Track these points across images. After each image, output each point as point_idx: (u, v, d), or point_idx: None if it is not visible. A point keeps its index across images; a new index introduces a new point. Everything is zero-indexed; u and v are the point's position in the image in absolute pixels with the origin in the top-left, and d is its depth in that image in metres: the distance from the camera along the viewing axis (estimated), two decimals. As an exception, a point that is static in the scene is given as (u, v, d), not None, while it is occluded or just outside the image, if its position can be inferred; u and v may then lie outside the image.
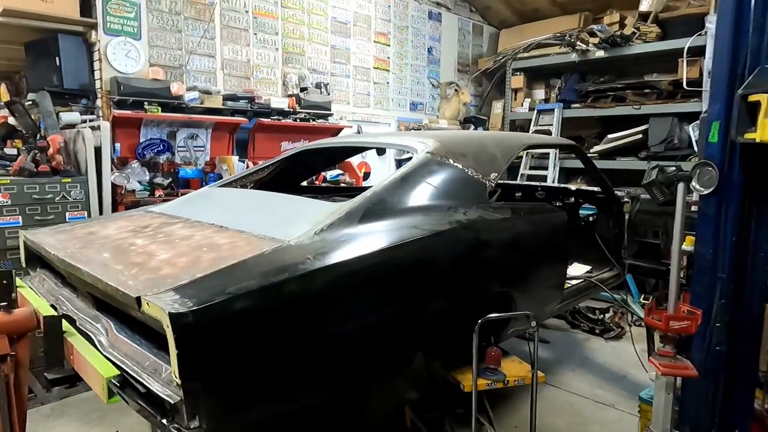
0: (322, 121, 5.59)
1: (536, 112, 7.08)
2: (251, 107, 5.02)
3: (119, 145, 4.38)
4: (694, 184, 2.39)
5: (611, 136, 6.41)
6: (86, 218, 3.76)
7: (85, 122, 4.30)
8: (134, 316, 1.68)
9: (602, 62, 6.67)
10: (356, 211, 2.16)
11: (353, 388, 2.04)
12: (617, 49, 6.33)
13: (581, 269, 4.16)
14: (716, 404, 2.49)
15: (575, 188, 4.52)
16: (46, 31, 4.29)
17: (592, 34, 6.57)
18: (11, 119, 4.39)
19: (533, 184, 5.04)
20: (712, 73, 2.47)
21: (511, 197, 4.60)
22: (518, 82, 7.40)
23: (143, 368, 1.64)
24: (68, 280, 2.24)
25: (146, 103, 4.36)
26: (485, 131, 7.01)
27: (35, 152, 3.78)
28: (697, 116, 5.28)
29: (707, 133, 2.42)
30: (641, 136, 6.14)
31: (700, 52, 5.54)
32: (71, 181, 3.79)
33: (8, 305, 1.79)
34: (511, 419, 3.27)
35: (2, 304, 1.78)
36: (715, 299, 2.39)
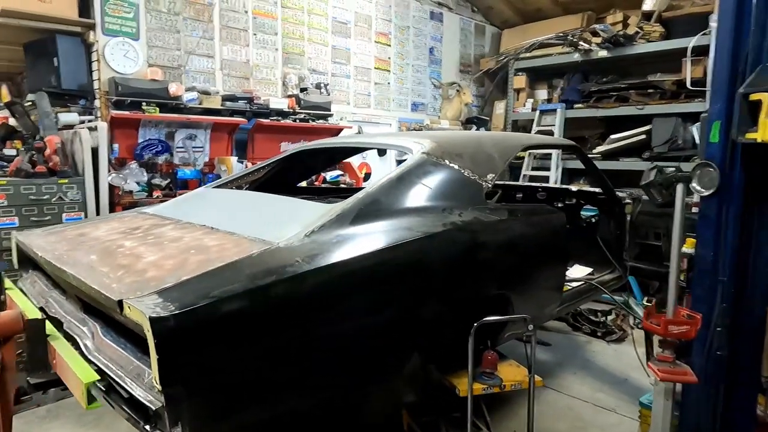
0: (321, 121, 5.56)
1: (539, 112, 7.03)
2: (250, 108, 5.00)
3: (117, 145, 4.37)
4: (694, 185, 2.35)
5: (614, 136, 6.35)
6: (83, 219, 3.74)
7: (83, 123, 4.28)
8: (118, 319, 1.65)
9: (605, 62, 6.60)
10: (348, 212, 2.13)
11: (343, 392, 2.00)
12: (620, 48, 6.28)
13: (582, 271, 4.11)
14: (717, 410, 2.44)
15: (576, 189, 4.47)
16: (44, 31, 4.28)
17: (594, 33, 6.52)
18: (12, 120, 4.39)
19: (534, 185, 4.99)
20: (712, 71, 2.43)
21: (512, 198, 4.56)
22: (520, 82, 7.35)
23: (127, 373, 1.61)
24: (57, 282, 2.21)
25: (144, 103, 4.34)
26: (484, 132, 6.96)
27: (32, 153, 3.77)
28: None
29: (708, 133, 2.38)
30: (645, 136, 6.08)
31: (704, 51, 5.46)
32: (68, 182, 3.78)
33: (-6, 307, 1.78)
34: (509, 423, 3.22)
35: (-12, 305, 1.76)
36: (716, 302, 2.36)
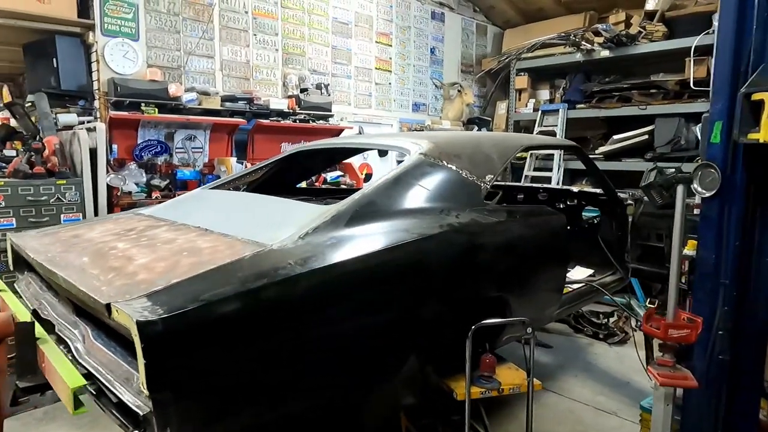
0: (322, 122, 5.54)
1: (541, 112, 7.00)
2: (250, 108, 4.98)
3: (116, 146, 4.36)
4: (695, 186, 2.31)
5: (617, 137, 6.31)
6: (81, 220, 3.73)
7: (82, 123, 4.27)
8: (108, 323, 1.62)
9: (607, 62, 6.56)
10: (343, 214, 2.10)
11: (338, 395, 1.97)
12: (623, 48, 6.23)
13: (584, 272, 4.07)
14: (719, 414, 2.41)
15: (578, 190, 4.43)
16: (43, 32, 4.27)
17: (597, 33, 6.47)
18: (13, 121, 4.39)
19: (536, 186, 4.95)
20: (714, 71, 2.39)
21: (513, 199, 4.53)
22: (522, 82, 7.32)
23: (116, 377, 1.59)
24: (51, 284, 2.20)
25: (143, 104, 4.32)
26: (484, 132, 6.92)
27: (30, 154, 3.77)
28: (704, 117, 5.17)
29: (709, 133, 2.34)
30: (647, 137, 6.03)
31: (707, 51, 5.41)
32: (66, 182, 3.77)
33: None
34: (509, 427, 3.19)
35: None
36: (717, 306, 2.32)
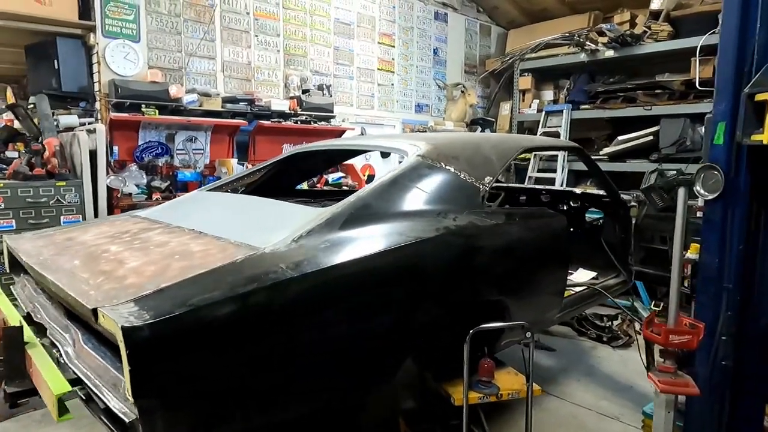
0: (324, 123, 5.52)
1: (544, 113, 6.95)
2: (251, 109, 4.98)
3: (117, 148, 4.36)
4: (698, 188, 2.27)
5: (621, 137, 6.24)
6: (81, 222, 3.72)
7: (83, 125, 4.28)
8: (96, 327, 1.60)
9: (612, 62, 6.51)
10: (338, 216, 2.07)
11: (332, 400, 1.94)
12: (627, 48, 6.17)
13: (587, 275, 4.02)
14: (722, 421, 2.36)
15: (580, 192, 4.38)
16: (45, 34, 4.28)
17: (601, 33, 6.42)
18: (16, 123, 4.40)
19: (538, 187, 4.90)
20: (717, 71, 2.35)
21: (516, 201, 4.49)
22: (526, 83, 7.27)
23: (104, 382, 1.57)
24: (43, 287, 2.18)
25: (144, 105, 4.32)
26: (483, 134, 6.87)
27: (30, 155, 3.77)
28: (710, 117, 5.11)
29: (712, 134, 2.30)
30: (652, 137, 5.96)
31: (713, 51, 5.27)
32: (66, 184, 3.77)
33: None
34: (509, 431, 3.15)
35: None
36: (721, 311, 2.28)
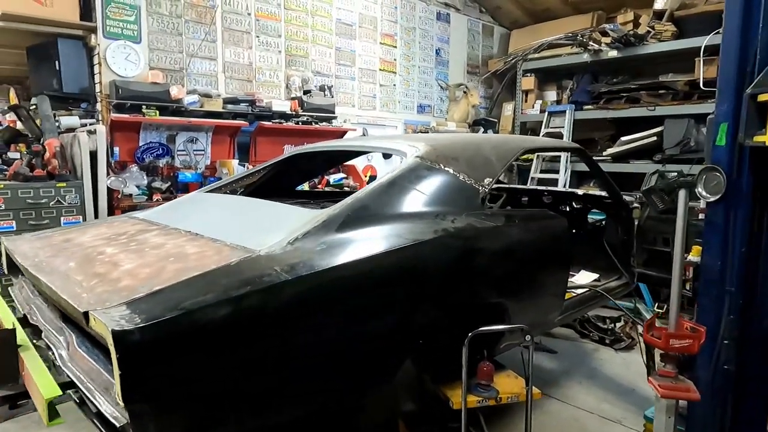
0: (325, 124, 5.51)
1: (547, 113, 6.91)
2: (252, 110, 4.97)
3: (118, 148, 4.36)
4: (700, 190, 2.24)
5: (625, 138, 6.20)
6: (81, 223, 3.72)
7: (84, 126, 4.28)
8: (89, 330, 1.59)
9: (615, 62, 6.47)
10: (335, 218, 2.06)
11: (329, 403, 1.92)
12: (631, 48, 6.14)
13: (588, 277, 3.99)
14: (725, 425, 2.33)
15: (582, 193, 4.35)
16: (46, 35, 4.29)
17: (604, 33, 6.38)
18: (19, 124, 4.40)
19: (540, 188, 4.87)
20: (719, 71, 2.32)
21: (518, 202, 4.46)
22: (529, 83, 7.23)
23: (96, 386, 1.56)
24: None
25: (144, 106, 4.32)
26: (483, 135, 6.84)
27: (30, 156, 3.77)
28: (715, 118, 5.07)
29: (714, 135, 2.28)
30: (656, 138, 5.92)
31: (717, 51, 5.26)
32: (66, 185, 3.77)
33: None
34: (509, 435, 3.13)
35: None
36: (723, 314, 2.25)
